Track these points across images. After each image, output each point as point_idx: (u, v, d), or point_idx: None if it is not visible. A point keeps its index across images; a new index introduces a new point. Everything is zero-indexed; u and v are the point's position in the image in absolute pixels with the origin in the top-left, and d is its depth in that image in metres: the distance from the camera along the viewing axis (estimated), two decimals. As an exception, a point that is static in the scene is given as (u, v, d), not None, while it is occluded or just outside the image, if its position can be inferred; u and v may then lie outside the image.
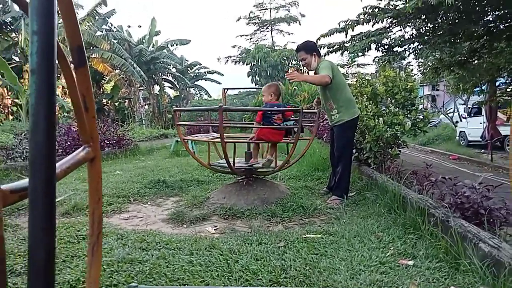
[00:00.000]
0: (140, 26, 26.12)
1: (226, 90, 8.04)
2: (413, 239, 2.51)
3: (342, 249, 2.39)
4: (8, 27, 17.78)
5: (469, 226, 2.18)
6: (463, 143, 12.33)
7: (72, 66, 0.73)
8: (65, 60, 0.74)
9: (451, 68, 8.97)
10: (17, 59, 19.28)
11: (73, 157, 0.74)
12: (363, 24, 7.54)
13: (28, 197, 0.51)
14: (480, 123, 11.23)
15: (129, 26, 24.70)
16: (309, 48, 3.93)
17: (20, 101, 17.34)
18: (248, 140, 3.98)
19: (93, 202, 0.84)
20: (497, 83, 9.75)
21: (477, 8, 6.68)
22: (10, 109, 19.11)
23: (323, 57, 4.57)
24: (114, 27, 22.49)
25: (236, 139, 4.25)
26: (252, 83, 25.82)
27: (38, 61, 0.47)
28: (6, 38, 17.53)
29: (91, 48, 18.34)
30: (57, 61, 0.61)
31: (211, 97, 29.50)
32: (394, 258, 2.21)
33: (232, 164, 3.57)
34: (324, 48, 8.39)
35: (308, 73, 4.05)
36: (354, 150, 4.86)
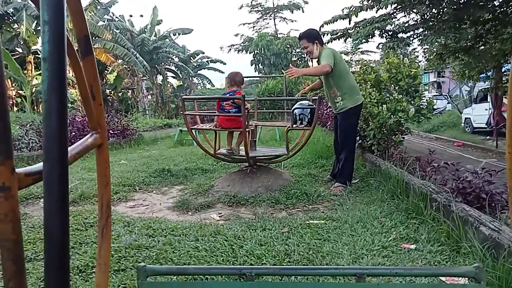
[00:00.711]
0: (142, 16, 26.12)
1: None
2: (415, 224, 2.54)
3: (345, 234, 2.42)
4: (10, 18, 17.75)
5: (470, 210, 2.21)
6: (468, 129, 12.26)
7: (79, 55, 0.76)
8: (73, 50, 0.76)
9: (456, 54, 8.87)
10: (20, 50, 19.29)
11: (81, 143, 0.77)
12: (366, 10, 7.47)
13: (42, 180, 0.55)
14: (486, 109, 11.14)
15: (131, 16, 24.66)
16: (311, 36, 3.91)
17: (24, 92, 17.43)
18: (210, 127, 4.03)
19: (101, 186, 0.88)
20: (503, 69, 9.64)
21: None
22: (14, 100, 19.22)
23: (325, 44, 4.55)
24: (116, 17, 22.38)
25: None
26: (255, 71, 25.72)
27: (50, 50, 0.49)
28: (8, 29, 17.53)
29: (94, 38, 18.28)
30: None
31: (214, 86, 29.44)
32: (396, 243, 2.25)
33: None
34: (327, 35, 8.33)
35: (312, 61, 4.05)
36: (357, 137, 4.88)
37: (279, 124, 5.71)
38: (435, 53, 9.79)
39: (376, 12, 7.52)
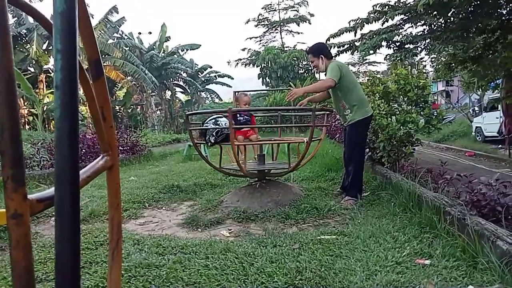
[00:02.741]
0: (151, 33, 26.46)
1: (237, 93, 8.07)
2: (429, 238, 2.48)
3: (357, 249, 2.38)
4: (23, 38, 18.23)
5: (486, 224, 2.15)
6: (479, 138, 12.11)
7: (90, 78, 0.77)
8: (84, 74, 0.77)
9: (465, 64, 8.82)
10: (32, 69, 19.73)
11: (92, 166, 0.77)
12: (372, 22, 7.50)
13: (53, 205, 0.55)
14: (497, 117, 11.01)
15: (140, 33, 25.05)
16: (316, 51, 3.94)
17: (36, 110, 17.75)
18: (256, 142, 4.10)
19: (112, 209, 0.87)
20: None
21: (490, 0, 6.57)
22: (26, 119, 19.58)
23: (334, 58, 4.58)
24: (125, 35, 22.85)
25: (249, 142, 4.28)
26: (262, 85, 25.88)
27: (62, 78, 0.50)
28: (21, 49, 17.98)
29: (103, 56, 18.65)
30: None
31: (222, 100, 29.67)
32: (410, 258, 2.19)
33: (243, 167, 3.59)
34: (334, 48, 8.37)
35: (319, 75, 4.09)
36: (367, 149, 4.84)
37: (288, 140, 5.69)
38: (443, 63, 9.74)
39: (382, 25, 7.55)
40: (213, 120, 3.96)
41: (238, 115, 3.97)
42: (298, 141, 4.15)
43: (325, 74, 3.90)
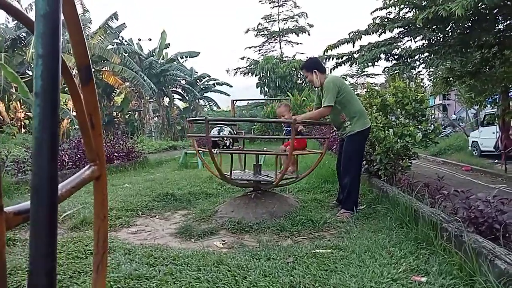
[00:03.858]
0: (151, 39, 26.54)
1: (235, 101, 8.06)
2: (425, 254, 2.44)
3: (352, 264, 2.33)
4: (22, 42, 18.23)
5: (483, 242, 2.12)
6: (475, 153, 12.12)
7: (78, 84, 0.74)
8: (72, 80, 0.74)
9: (462, 78, 8.86)
10: (30, 73, 19.68)
11: (78, 176, 0.73)
12: (371, 34, 7.54)
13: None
14: (493, 132, 11.03)
15: (139, 39, 25.11)
16: (309, 66, 3.95)
17: (32, 114, 17.67)
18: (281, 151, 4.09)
19: (98, 220, 0.83)
20: (510, 94, 9.58)
21: (488, 17, 6.63)
22: (23, 122, 19.49)
23: (331, 71, 4.61)
24: (125, 41, 22.90)
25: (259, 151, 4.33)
26: (261, 94, 25.93)
27: (43, 85, 0.47)
28: (20, 52, 17.97)
29: (102, 61, 18.65)
30: (62, 82, 0.61)
31: (220, 108, 29.69)
32: (407, 275, 2.15)
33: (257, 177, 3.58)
34: (332, 59, 8.39)
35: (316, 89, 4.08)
36: (364, 162, 4.81)
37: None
38: (440, 77, 9.79)
39: (379, 36, 7.60)
40: (219, 128, 4.19)
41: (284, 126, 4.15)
42: (278, 154, 3.94)
43: (320, 89, 3.91)
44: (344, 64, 8.60)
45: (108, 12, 18.77)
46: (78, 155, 6.92)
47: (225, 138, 4.00)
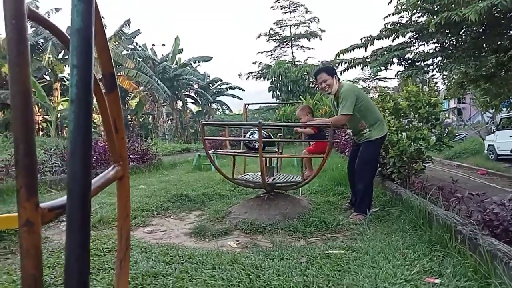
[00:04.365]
0: (164, 45, 26.94)
1: (247, 105, 8.12)
2: (439, 256, 2.44)
3: (365, 266, 2.34)
4: (40, 48, 18.67)
5: (499, 245, 2.11)
6: (492, 157, 11.91)
7: (104, 90, 0.79)
8: (98, 86, 0.79)
9: (477, 82, 8.75)
10: (48, 77, 20.15)
11: (103, 176, 0.78)
12: (384, 39, 7.53)
13: (63, 214, 0.56)
14: (510, 136, 10.84)
15: (153, 45, 25.49)
16: (331, 71, 3.94)
17: (50, 117, 18.07)
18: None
19: (121, 219, 0.88)
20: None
21: (502, 21, 6.55)
22: (40, 125, 19.94)
23: (341, 73, 4.65)
24: (139, 46, 23.28)
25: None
26: (273, 98, 25.96)
27: (78, 93, 0.51)
28: (38, 58, 18.42)
29: (117, 66, 19.00)
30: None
31: (232, 112, 29.83)
32: (420, 276, 2.15)
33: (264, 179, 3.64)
34: (344, 63, 8.39)
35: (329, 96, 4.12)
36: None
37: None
38: (454, 81, 9.68)
39: (393, 41, 7.57)
40: (251, 132, 4.71)
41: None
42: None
43: (335, 96, 3.89)
44: (356, 67, 8.59)
45: (122, 19, 19.11)
46: (95, 157, 7.07)
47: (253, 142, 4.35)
